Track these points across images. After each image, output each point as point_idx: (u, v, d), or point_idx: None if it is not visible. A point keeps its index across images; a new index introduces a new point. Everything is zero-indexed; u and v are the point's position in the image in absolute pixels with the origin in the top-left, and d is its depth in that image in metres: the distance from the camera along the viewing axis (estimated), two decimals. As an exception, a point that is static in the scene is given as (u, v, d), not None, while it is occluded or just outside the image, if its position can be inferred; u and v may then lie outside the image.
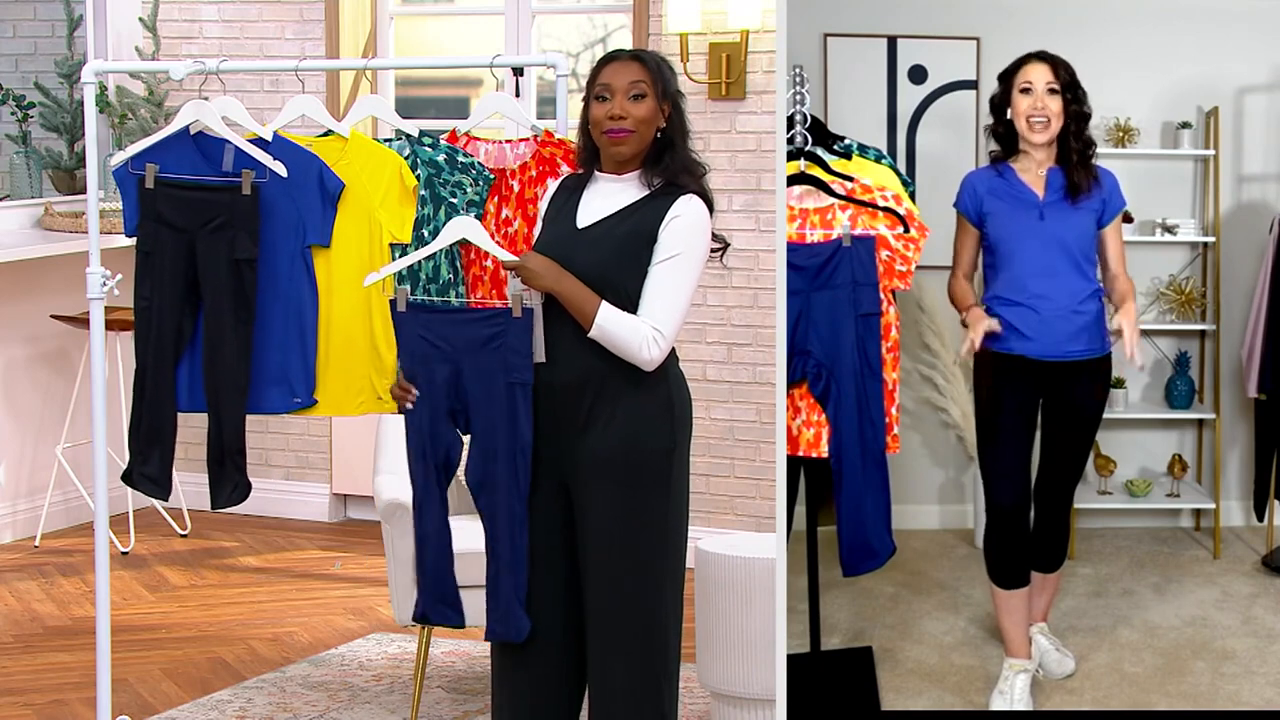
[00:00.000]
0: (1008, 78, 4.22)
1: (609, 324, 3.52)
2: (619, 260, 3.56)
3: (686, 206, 3.57)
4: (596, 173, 3.69)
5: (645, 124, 3.61)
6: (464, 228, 3.76)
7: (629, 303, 3.55)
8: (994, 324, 4.15)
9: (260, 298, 4.08)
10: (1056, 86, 4.15)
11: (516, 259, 3.60)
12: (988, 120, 4.30)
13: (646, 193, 3.61)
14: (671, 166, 3.61)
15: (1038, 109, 4.16)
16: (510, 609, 3.67)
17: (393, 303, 3.70)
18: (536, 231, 3.76)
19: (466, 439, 3.74)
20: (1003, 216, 4.22)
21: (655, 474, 3.60)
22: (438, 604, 3.84)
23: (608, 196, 3.64)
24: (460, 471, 3.80)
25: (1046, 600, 4.53)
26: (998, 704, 4.28)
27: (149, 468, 4.17)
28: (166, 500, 5.17)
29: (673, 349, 3.63)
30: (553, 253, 3.62)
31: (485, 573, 3.73)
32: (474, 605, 3.96)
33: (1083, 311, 4.20)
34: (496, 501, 3.67)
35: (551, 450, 3.63)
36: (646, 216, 3.57)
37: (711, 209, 3.63)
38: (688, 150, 3.65)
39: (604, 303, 3.52)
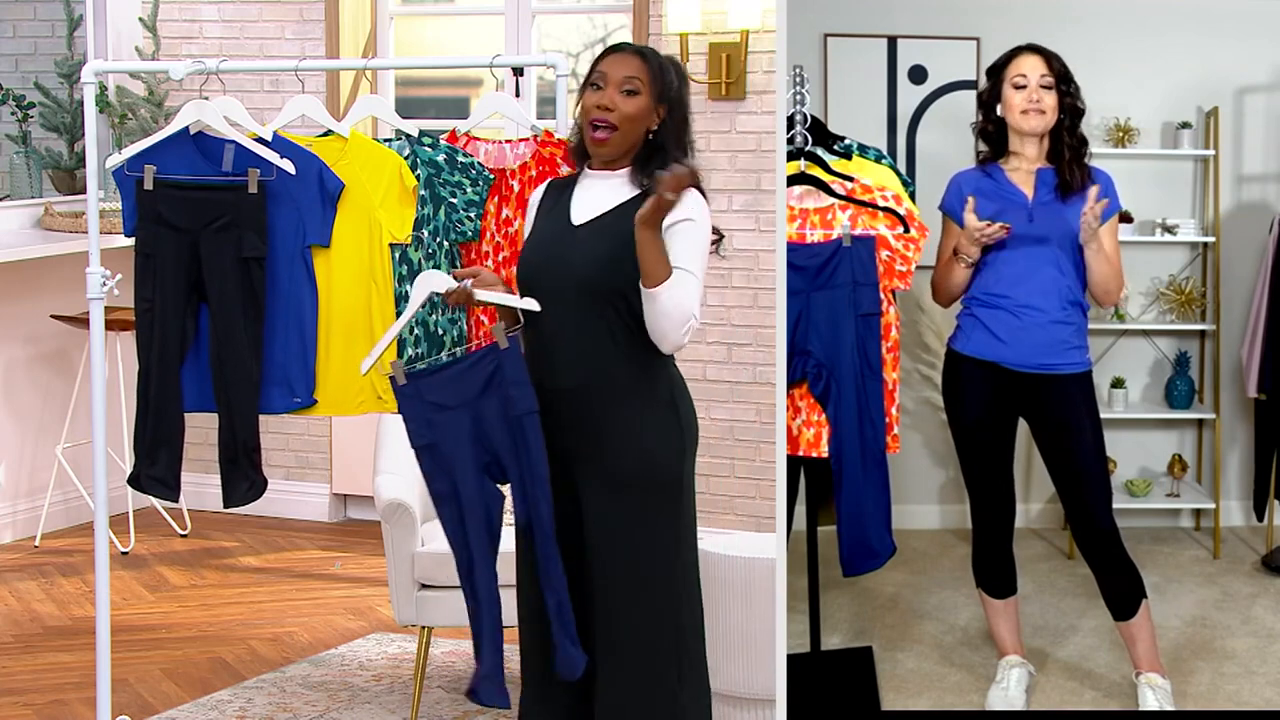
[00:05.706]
0: (998, 71, 4.11)
1: (669, 291, 3.44)
2: (614, 258, 3.51)
3: (684, 202, 3.49)
4: (586, 169, 3.65)
5: (631, 121, 3.55)
6: (431, 283, 3.64)
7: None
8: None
9: (260, 298, 4.09)
10: (1051, 80, 4.05)
11: (522, 302, 3.55)
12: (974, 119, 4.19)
13: (639, 191, 3.56)
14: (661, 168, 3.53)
15: (1033, 101, 4.05)
16: (563, 647, 3.60)
17: (392, 379, 3.60)
18: (526, 230, 3.72)
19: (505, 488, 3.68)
20: (990, 217, 4.08)
21: (666, 483, 3.57)
22: (486, 681, 3.71)
23: (600, 193, 3.60)
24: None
25: (1145, 648, 4.21)
26: (995, 698, 4.27)
27: (156, 469, 4.16)
28: (176, 502, 5.17)
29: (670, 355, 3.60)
30: (547, 248, 3.59)
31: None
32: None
33: (1065, 321, 4.08)
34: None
35: (564, 455, 3.58)
36: None
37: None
38: (681, 159, 3.54)
39: (676, 270, 3.45)
